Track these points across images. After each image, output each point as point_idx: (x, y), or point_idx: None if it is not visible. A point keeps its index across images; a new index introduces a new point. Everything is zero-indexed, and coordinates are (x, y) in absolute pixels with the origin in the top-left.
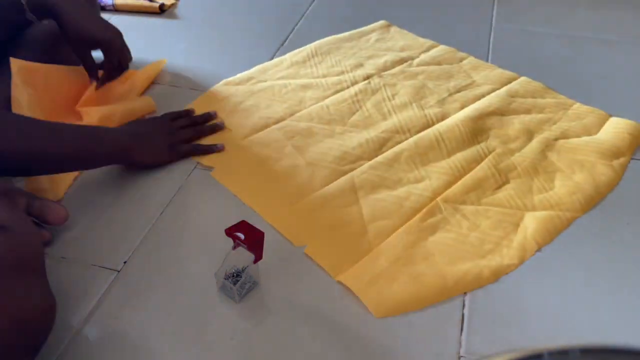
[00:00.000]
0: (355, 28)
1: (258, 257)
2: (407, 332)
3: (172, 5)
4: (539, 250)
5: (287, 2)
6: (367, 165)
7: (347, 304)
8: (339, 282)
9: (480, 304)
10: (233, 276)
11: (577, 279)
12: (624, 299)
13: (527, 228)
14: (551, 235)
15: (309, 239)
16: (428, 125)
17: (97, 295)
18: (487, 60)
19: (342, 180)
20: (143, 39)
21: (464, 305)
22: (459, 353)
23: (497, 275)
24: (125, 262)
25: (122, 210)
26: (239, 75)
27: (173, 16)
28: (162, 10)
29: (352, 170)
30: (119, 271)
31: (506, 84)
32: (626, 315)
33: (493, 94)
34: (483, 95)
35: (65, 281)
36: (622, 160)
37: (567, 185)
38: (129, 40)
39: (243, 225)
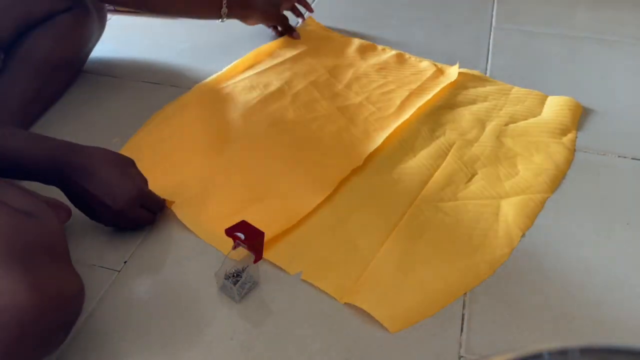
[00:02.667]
0: (355, 27)
1: (258, 257)
2: (407, 332)
3: None
4: (523, 235)
5: None
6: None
7: (347, 304)
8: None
9: (480, 304)
10: (233, 276)
11: (576, 280)
12: (624, 297)
13: (507, 215)
14: (530, 218)
15: (302, 264)
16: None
17: (97, 295)
18: (487, 61)
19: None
20: (143, 40)
21: (464, 305)
22: (459, 353)
23: (493, 267)
24: (125, 262)
25: None
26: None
27: None
28: None
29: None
30: (119, 271)
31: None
32: (626, 314)
33: (437, 88)
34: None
35: None
36: (569, 135)
37: (530, 168)
38: (129, 40)
39: (243, 225)
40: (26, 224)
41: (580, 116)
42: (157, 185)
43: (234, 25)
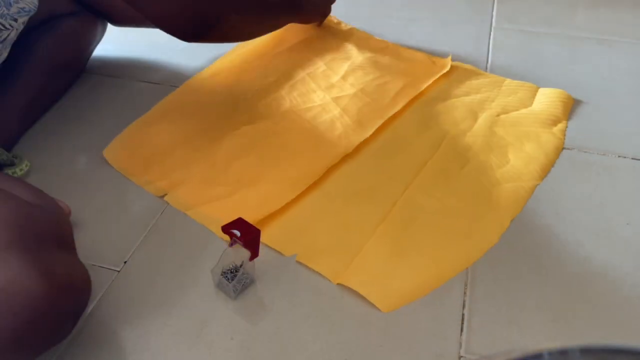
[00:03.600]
0: (354, 27)
1: (254, 254)
2: (407, 332)
3: None
4: (512, 220)
5: None
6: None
7: (347, 303)
8: (339, 284)
9: (480, 304)
10: (230, 272)
11: (576, 280)
12: (624, 297)
13: (498, 202)
14: (520, 205)
15: (297, 248)
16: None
17: (97, 295)
18: (487, 61)
19: (314, 185)
20: (143, 39)
21: (464, 305)
22: (459, 353)
23: (483, 250)
24: (125, 262)
25: (122, 210)
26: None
27: None
28: None
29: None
30: (119, 271)
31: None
32: (627, 314)
33: (430, 80)
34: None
35: None
36: (560, 125)
37: (520, 157)
38: (129, 40)
39: (239, 223)
40: (38, 214)
41: (578, 114)
42: (153, 171)
43: None
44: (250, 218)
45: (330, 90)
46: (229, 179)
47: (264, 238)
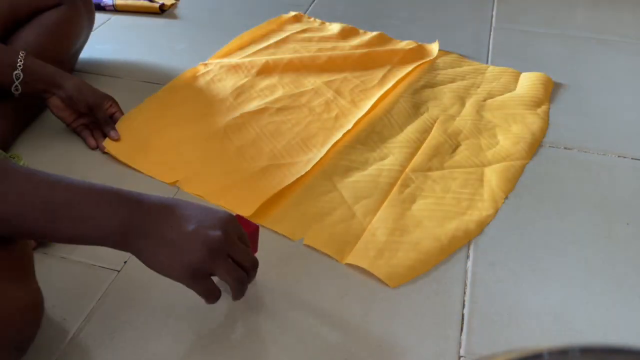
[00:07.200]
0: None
1: (253, 250)
2: (407, 332)
3: (172, 5)
4: (506, 197)
5: (287, 3)
6: (333, 152)
7: (347, 303)
8: (347, 264)
9: (480, 304)
10: None
11: (576, 280)
12: (623, 297)
13: (491, 181)
14: (511, 182)
15: (304, 232)
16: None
17: (97, 295)
18: (487, 61)
19: (316, 171)
20: (143, 40)
21: (464, 305)
22: (459, 353)
23: (481, 226)
24: (125, 262)
25: None
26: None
27: (173, 16)
28: (162, 11)
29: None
30: (119, 271)
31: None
32: (625, 314)
33: (416, 63)
34: (409, 71)
35: (65, 281)
36: (543, 107)
37: (508, 137)
38: (129, 40)
39: (238, 219)
40: None
41: (578, 113)
42: (154, 161)
43: (231, 25)
44: (260, 198)
45: (320, 75)
46: (232, 163)
47: (270, 225)
